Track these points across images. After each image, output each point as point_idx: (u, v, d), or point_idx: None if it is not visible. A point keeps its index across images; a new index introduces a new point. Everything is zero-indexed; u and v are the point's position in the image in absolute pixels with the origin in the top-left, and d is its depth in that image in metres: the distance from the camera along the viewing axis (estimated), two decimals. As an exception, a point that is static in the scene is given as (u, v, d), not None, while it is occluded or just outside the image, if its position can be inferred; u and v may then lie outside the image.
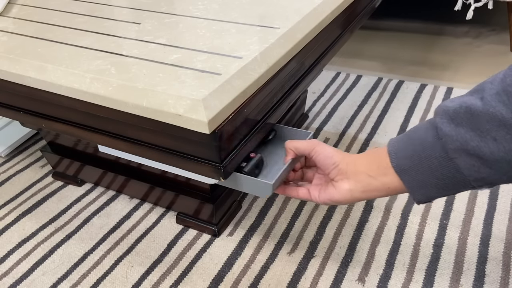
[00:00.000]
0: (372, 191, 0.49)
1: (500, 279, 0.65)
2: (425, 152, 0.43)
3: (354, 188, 0.50)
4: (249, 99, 0.53)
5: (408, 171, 0.45)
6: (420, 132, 0.45)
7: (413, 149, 0.45)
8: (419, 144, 0.44)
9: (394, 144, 0.47)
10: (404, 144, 0.46)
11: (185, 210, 0.79)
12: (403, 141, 0.47)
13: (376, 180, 0.48)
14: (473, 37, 1.40)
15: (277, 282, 0.68)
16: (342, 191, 0.51)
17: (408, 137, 0.46)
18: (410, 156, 0.45)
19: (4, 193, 0.90)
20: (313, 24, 0.66)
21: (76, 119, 0.61)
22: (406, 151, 0.45)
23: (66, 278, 0.71)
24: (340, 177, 0.51)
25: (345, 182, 0.51)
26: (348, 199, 0.51)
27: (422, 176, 0.44)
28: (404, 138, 0.47)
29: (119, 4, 0.76)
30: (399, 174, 0.46)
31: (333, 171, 0.52)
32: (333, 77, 1.23)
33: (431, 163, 0.43)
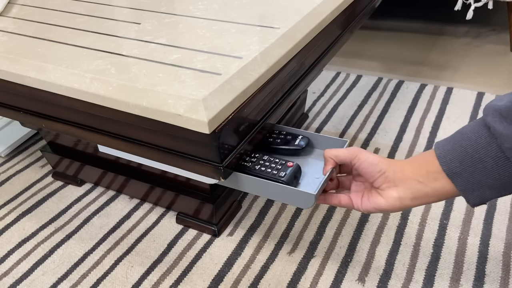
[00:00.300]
0: (422, 198, 0.48)
1: (500, 279, 0.65)
2: (478, 153, 0.42)
3: (404, 196, 0.48)
4: (249, 99, 0.53)
5: (460, 174, 0.44)
6: (469, 133, 0.44)
7: (464, 151, 0.43)
8: (471, 146, 0.43)
9: (442, 147, 0.46)
10: (453, 147, 0.45)
11: (185, 210, 0.79)
12: (452, 144, 0.45)
13: (426, 186, 0.47)
14: (473, 37, 1.40)
15: (277, 282, 0.68)
16: (390, 199, 0.49)
17: (456, 139, 0.45)
18: (461, 158, 0.44)
19: (4, 193, 0.90)
20: (313, 24, 0.66)
21: (76, 119, 0.61)
22: (456, 153, 0.44)
23: (66, 278, 0.71)
24: (387, 185, 0.49)
25: (393, 190, 0.49)
26: (397, 207, 0.49)
27: (476, 178, 0.43)
28: (452, 141, 0.46)
29: (119, 4, 0.76)
30: (451, 178, 0.45)
31: (379, 179, 0.50)
32: (333, 77, 1.23)
33: (485, 164, 0.42)
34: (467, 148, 0.43)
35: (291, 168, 0.58)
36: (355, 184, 0.57)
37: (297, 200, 0.56)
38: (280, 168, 0.57)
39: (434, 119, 1.02)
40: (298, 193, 0.55)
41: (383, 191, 0.50)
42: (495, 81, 1.15)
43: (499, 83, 1.14)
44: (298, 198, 0.55)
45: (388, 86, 1.16)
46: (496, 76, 1.17)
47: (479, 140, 0.43)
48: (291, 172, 0.57)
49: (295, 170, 0.58)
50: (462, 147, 0.44)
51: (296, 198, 0.55)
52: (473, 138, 0.43)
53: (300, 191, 0.55)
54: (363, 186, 0.55)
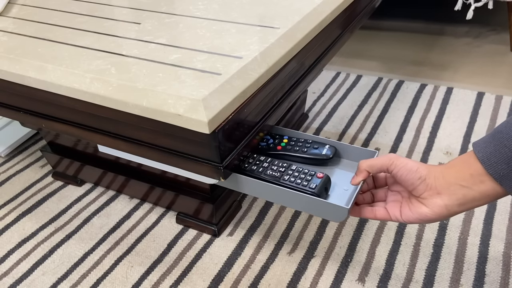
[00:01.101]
0: (469, 202, 0.45)
1: (500, 279, 0.65)
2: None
3: (450, 203, 0.46)
4: (249, 99, 0.53)
5: (508, 175, 0.42)
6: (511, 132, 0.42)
7: (510, 152, 0.41)
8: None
9: (483, 149, 0.44)
10: (495, 148, 0.43)
11: (185, 210, 0.79)
12: (494, 144, 0.43)
13: (472, 190, 0.45)
14: (473, 37, 1.40)
15: (277, 282, 0.68)
16: (436, 208, 0.46)
17: (499, 139, 0.43)
18: (507, 160, 0.42)
19: (4, 193, 0.90)
20: (313, 24, 0.66)
21: (76, 119, 0.61)
22: (500, 155, 0.42)
23: (66, 278, 0.71)
24: (429, 192, 0.47)
25: (436, 198, 0.46)
26: (444, 215, 0.47)
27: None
28: (493, 141, 0.43)
29: (119, 4, 0.76)
30: (499, 181, 0.43)
31: (419, 186, 0.47)
32: (333, 77, 1.23)
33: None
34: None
35: (321, 179, 0.55)
36: (392, 194, 0.53)
37: (328, 213, 0.54)
38: (309, 179, 0.55)
39: (434, 119, 1.02)
40: (330, 206, 0.53)
41: (426, 200, 0.47)
42: (495, 81, 1.15)
43: (499, 83, 1.14)
44: (330, 211, 0.53)
45: (388, 86, 1.16)
46: (496, 76, 1.17)
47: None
48: (321, 183, 0.55)
49: (325, 182, 0.55)
50: (507, 147, 0.42)
51: (327, 211, 0.53)
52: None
53: (333, 204, 0.52)
54: (400, 196, 0.52)
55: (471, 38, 1.40)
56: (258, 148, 0.63)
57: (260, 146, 0.64)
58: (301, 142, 0.64)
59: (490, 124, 0.97)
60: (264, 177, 0.57)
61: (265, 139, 0.64)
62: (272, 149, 0.63)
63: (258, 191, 0.58)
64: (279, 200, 0.57)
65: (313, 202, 0.54)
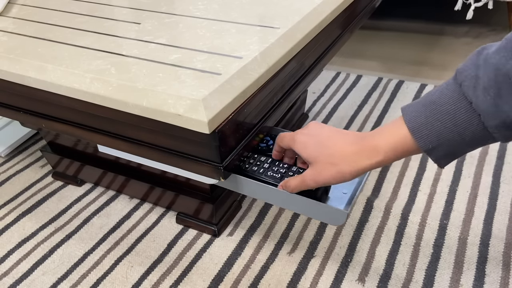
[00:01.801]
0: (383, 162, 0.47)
1: (500, 279, 0.65)
2: (458, 127, 0.41)
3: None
4: (249, 99, 0.53)
5: (437, 148, 0.43)
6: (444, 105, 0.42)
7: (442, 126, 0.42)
8: (449, 121, 0.41)
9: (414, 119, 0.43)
10: (427, 119, 0.43)
11: (185, 210, 0.79)
12: (425, 116, 0.43)
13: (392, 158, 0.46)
14: (473, 37, 1.40)
15: (277, 282, 0.68)
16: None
17: (431, 111, 0.42)
18: (438, 133, 0.42)
19: (4, 193, 0.90)
20: (313, 24, 0.66)
21: (76, 119, 0.61)
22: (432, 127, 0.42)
23: (66, 278, 0.71)
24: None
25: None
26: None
27: (452, 149, 0.42)
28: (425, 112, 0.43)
29: (119, 4, 0.76)
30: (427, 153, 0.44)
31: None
32: (333, 77, 1.23)
33: (464, 137, 0.41)
34: (445, 122, 0.41)
35: None
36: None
37: (326, 217, 0.53)
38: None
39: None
40: (329, 209, 0.52)
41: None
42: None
43: (499, 83, 1.14)
44: (328, 214, 0.53)
45: (388, 86, 1.16)
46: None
47: (459, 115, 0.41)
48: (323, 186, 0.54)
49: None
50: (439, 121, 0.42)
51: (325, 214, 0.53)
52: (452, 111, 0.41)
53: (331, 207, 0.52)
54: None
55: (471, 38, 1.40)
56: (258, 149, 0.63)
57: (260, 147, 0.64)
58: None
59: (490, 124, 0.97)
60: (265, 178, 0.57)
61: (265, 140, 0.64)
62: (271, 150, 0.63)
63: (257, 193, 0.58)
64: (278, 202, 0.57)
65: (311, 205, 0.54)
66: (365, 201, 0.80)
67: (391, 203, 0.80)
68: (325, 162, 0.49)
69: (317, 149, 0.50)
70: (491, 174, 0.84)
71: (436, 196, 0.80)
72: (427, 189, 0.82)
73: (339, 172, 0.48)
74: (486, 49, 0.41)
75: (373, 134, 0.48)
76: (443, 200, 0.79)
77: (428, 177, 0.85)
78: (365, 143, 0.47)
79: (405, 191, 0.82)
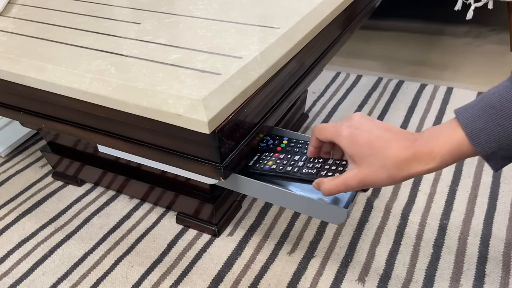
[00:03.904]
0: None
1: (500, 279, 0.65)
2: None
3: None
4: (249, 99, 0.53)
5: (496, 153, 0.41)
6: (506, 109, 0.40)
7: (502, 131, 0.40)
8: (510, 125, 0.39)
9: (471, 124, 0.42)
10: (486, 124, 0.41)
11: (185, 210, 0.79)
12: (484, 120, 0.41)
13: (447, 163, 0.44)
14: (473, 37, 1.40)
15: (277, 282, 0.68)
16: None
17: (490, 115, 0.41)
18: (498, 139, 0.40)
19: (4, 193, 0.90)
20: (313, 24, 0.66)
21: (76, 119, 0.61)
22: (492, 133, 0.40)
23: (66, 278, 0.71)
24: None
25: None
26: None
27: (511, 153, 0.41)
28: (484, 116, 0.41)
29: (119, 4, 0.76)
30: (486, 159, 0.42)
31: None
32: (333, 77, 1.23)
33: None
34: (506, 128, 0.40)
35: None
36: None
37: (327, 215, 0.53)
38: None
39: (434, 119, 1.02)
40: (329, 208, 0.52)
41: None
42: (495, 81, 1.15)
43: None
44: (329, 213, 0.52)
45: (388, 86, 1.16)
46: (496, 76, 1.17)
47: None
48: None
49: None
50: (500, 125, 0.40)
51: (326, 213, 0.52)
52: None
53: (332, 206, 0.51)
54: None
55: (471, 38, 1.40)
56: (257, 149, 0.63)
57: (260, 147, 0.64)
58: (301, 143, 0.63)
59: (490, 124, 0.97)
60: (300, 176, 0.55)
61: (264, 140, 0.64)
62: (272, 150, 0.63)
63: (257, 192, 0.58)
64: (278, 201, 0.57)
65: (312, 204, 0.53)
66: (365, 201, 0.80)
67: (391, 203, 0.80)
68: (376, 164, 0.46)
69: (367, 148, 0.46)
70: (491, 174, 0.84)
71: (436, 196, 0.80)
72: (427, 189, 0.82)
73: (391, 177, 0.46)
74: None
75: (427, 137, 0.45)
76: (443, 200, 0.79)
77: (428, 177, 0.85)
78: (420, 148, 0.45)
79: (405, 191, 0.82)
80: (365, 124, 0.48)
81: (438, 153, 0.43)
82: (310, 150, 0.55)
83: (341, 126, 0.49)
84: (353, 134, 0.47)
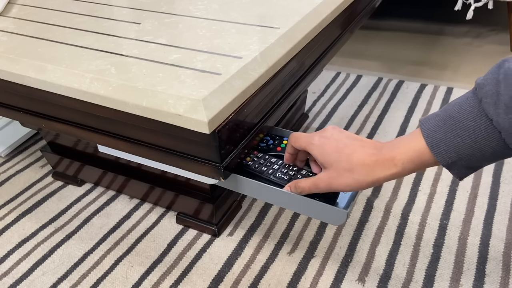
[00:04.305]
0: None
1: (500, 279, 0.65)
2: (477, 144, 0.41)
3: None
4: (249, 99, 0.53)
5: (456, 163, 0.43)
6: (464, 121, 0.41)
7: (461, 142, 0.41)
8: (468, 137, 0.41)
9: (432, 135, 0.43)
10: (445, 135, 0.42)
11: (185, 210, 0.79)
12: (444, 131, 0.43)
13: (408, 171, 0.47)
14: (473, 37, 1.40)
15: (277, 282, 0.68)
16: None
17: (450, 126, 0.42)
18: (458, 149, 0.42)
19: (4, 193, 0.90)
20: (313, 24, 0.66)
21: (76, 119, 0.61)
22: (451, 143, 0.42)
23: (66, 278, 0.71)
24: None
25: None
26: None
27: (472, 163, 0.42)
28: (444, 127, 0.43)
29: (119, 4, 0.76)
30: (447, 168, 0.44)
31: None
32: (333, 77, 1.23)
33: (484, 153, 0.41)
34: (464, 138, 0.41)
35: None
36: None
37: (326, 216, 0.53)
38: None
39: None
40: (328, 209, 0.52)
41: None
42: (495, 81, 1.15)
43: (499, 83, 1.14)
44: (328, 214, 0.53)
45: (388, 86, 1.16)
46: (496, 76, 1.17)
47: (479, 131, 0.40)
48: None
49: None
50: (459, 136, 0.42)
51: (325, 214, 0.53)
52: (471, 127, 0.41)
53: (331, 207, 0.52)
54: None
55: (471, 38, 1.40)
56: (258, 149, 0.63)
57: (260, 147, 0.64)
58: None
59: (490, 124, 0.97)
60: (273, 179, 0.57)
61: (264, 140, 0.64)
62: (272, 150, 0.63)
63: (257, 193, 0.58)
64: (278, 201, 0.57)
65: (312, 205, 0.54)
66: (365, 201, 0.80)
67: (391, 203, 0.80)
68: (342, 169, 0.49)
69: (335, 154, 0.50)
70: (491, 174, 0.84)
71: (436, 196, 0.80)
72: (427, 189, 0.82)
73: (356, 180, 0.49)
74: (508, 62, 0.41)
75: (391, 145, 0.48)
76: (443, 200, 0.79)
77: (428, 177, 0.85)
78: (383, 155, 0.47)
79: (405, 191, 0.82)
80: (336, 134, 0.52)
81: (399, 159, 0.46)
82: (286, 157, 0.59)
83: (313, 136, 0.53)
84: (324, 143, 0.51)
